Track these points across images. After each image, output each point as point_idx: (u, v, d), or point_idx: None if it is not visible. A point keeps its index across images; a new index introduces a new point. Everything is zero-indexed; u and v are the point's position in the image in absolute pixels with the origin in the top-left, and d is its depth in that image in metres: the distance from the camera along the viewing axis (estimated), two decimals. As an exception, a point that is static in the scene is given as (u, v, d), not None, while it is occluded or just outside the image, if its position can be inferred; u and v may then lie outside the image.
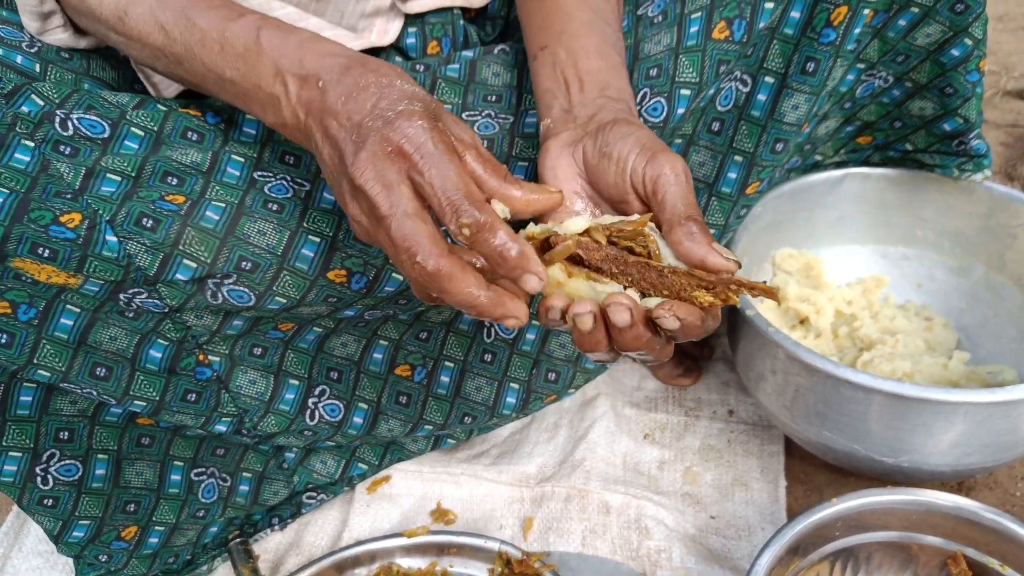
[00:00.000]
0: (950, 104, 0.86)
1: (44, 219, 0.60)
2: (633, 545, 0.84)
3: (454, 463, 0.93)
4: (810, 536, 0.76)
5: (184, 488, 0.82)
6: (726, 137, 0.80)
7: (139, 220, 0.63)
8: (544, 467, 0.93)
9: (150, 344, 0.70)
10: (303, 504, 0.90)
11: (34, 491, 0.74)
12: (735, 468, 0.92)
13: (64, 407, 0.73)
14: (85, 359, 0.68)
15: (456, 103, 0.76)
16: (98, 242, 0.62)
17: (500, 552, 0.83)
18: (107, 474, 0.77)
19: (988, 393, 0.74)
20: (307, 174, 0.69)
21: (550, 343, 0.86)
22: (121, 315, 0.68)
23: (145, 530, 0.80)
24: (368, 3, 0.79)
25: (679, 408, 0.99)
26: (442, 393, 0.85)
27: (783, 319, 1.00)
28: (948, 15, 0.80)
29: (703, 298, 0.53)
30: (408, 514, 0.90)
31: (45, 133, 0.62)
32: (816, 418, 0.81)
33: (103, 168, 0.63)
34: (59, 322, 0.66)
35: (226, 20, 0.62)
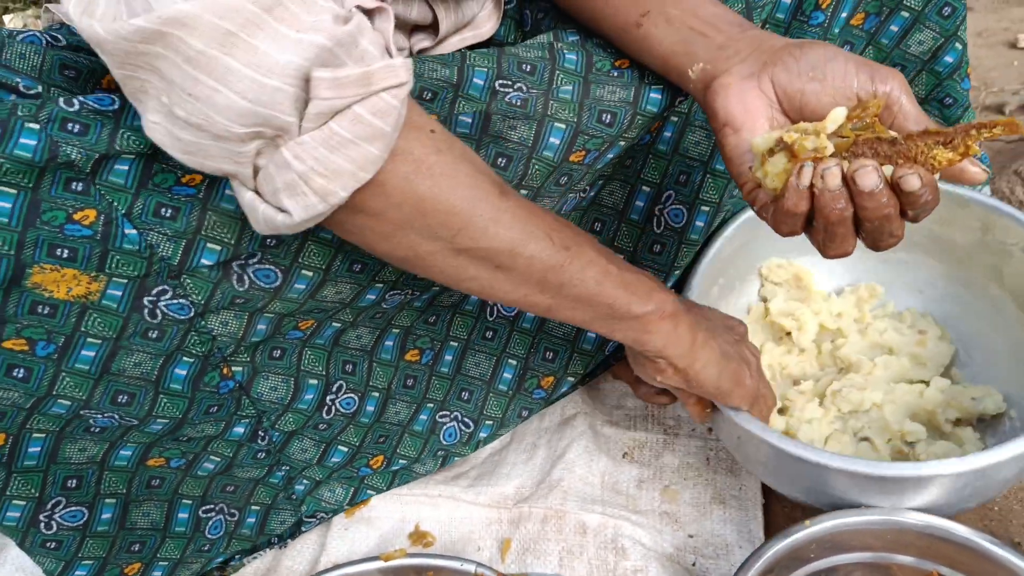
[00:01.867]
0: (951, 115, 0.88)
1: (58, 219, 0.58)
2: (610, 566, 0.84)
3: (432, 485, 0.93)
4: (785, 558, 0.75)
5: (191, 526, 0.81)
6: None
7: (157, 211, 0.60)
8: (522, 488, 0.92)
9: (175, 363, 0.68)
10: (303, 523, 0.90)
11: (36, 535, 0.72)
12: (714, 486, 0.92)
13: (74, 455, 0.71)
14: (107, 387, 0.66)
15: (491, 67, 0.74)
16: (117, 236, 0.60)
17: (477, 574, 0.83)
18: (113, 517, 0.75)
19: (959, 462, 0.71)
20: None
21: (549, 322, 0.88)
22: (144, 337, 0.65)
23: (149, 566, 0.80)
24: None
25: (658, 426, 0.99)
26: (444, 371, 0.87)
27: (769, 332, 0.99)
28: (937, 19, 0.81)
29: (942, 156, 0.54)
30: (386, 537, 0.90)
31: (50, 112, 0.57)
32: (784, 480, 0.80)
33: (117, 149, 0.58)
34: (80, 354, 0.63)
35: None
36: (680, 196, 0.85)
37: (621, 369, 1.04)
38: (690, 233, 0.87)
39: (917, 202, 0.55)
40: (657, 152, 0.83)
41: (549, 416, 1.00)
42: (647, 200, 0.86)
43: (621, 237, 0.87)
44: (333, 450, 0.86)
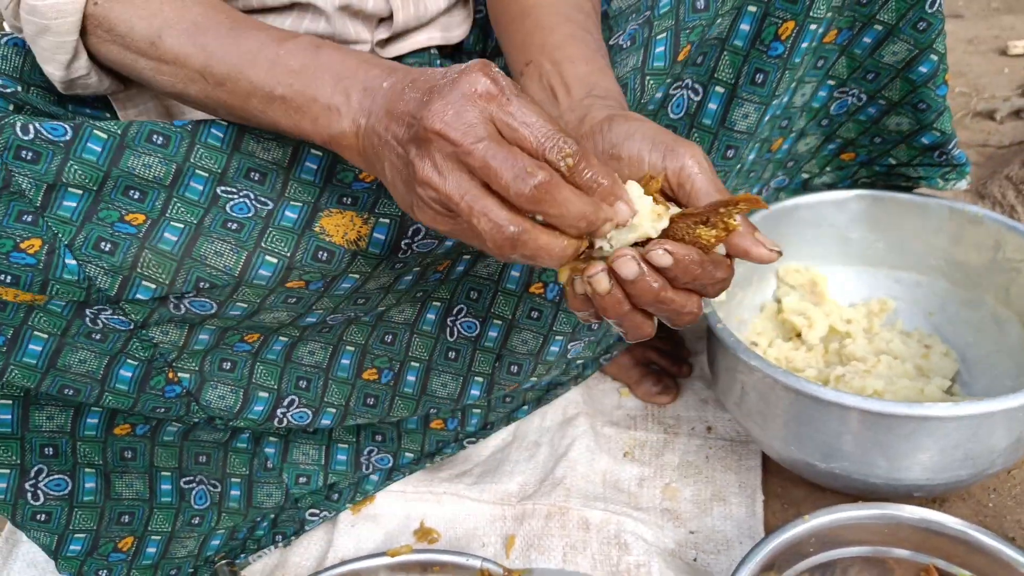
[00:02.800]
0: (925, 119, 0.89)
1: (5, 247, 0.62)
2: (613, 561, 0.85)
3: (436, 482, 0.95)
4: (785, 553, 0.77)
5: (176, 496, 0.83)
6: None
7: (97, 244, 0.64)
8: (525, 485, 0.94)
9: (119, 365, 0.72)
10: (306, 521, 0.92)
11: (26, 507, 0.75)
12: (714, 483, 0.94)
13: (43, 423, 0.74)
14: (53, 381, 0.69)
15: None
16: (58, 266, 0.63)
17: (482, 569, 0.84)
18: (97, 487, 0.78)
19: (954, 407, 0.76)
20: (271, 192, 0.70)
21: (512, 339, 0.89)
22: (88, 337, 0.69)
23: (142, 540, 0.82)
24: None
25: (658, 426, 1.01)
26: (408, 392, 0.88)
27: (780, 330, 1.02)
28: (911, 33, 0.83)
29: (706, 236, 0.54)
30: (392, 534, 0.91)
31: (7, 140, 0.62)
32: (788, 435, 0.83)
33: (64, 183, 0.63)
34: (28, 348, 0.67)
35: (278, 40, 0.63)
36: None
37: (618, 370, 1.06)
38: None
39: (688, 276, 0.54)
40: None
41: (551, 415, 1.01)
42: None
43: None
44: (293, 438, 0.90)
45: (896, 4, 0.81)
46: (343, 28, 0.79)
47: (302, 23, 0.79)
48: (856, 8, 0.82)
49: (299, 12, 0.79)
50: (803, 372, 0.97)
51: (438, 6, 0.83)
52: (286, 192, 0.70)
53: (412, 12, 0.81)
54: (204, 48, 0.64)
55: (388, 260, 0.73)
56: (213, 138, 0.69)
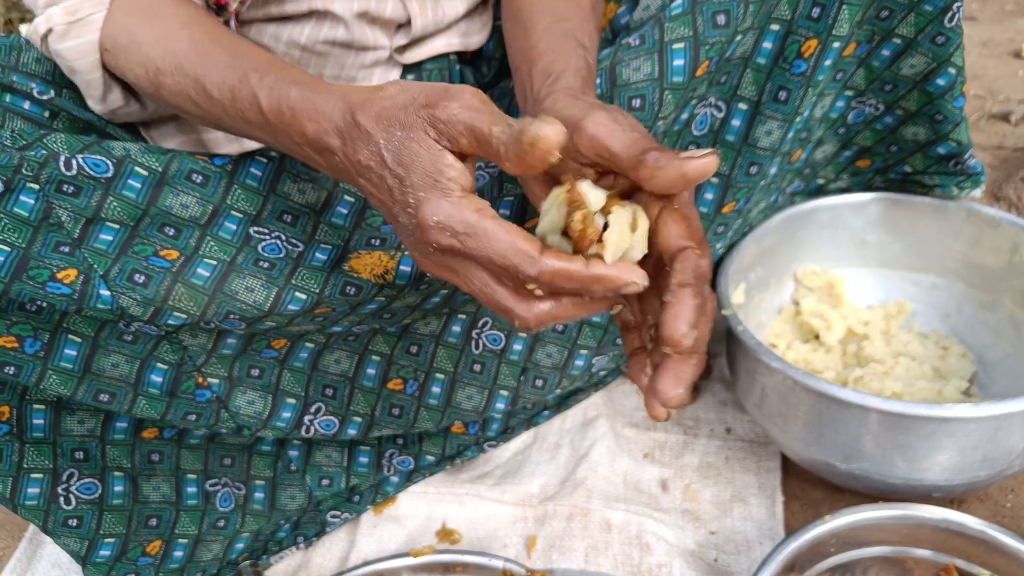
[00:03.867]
0: (942, 130, 0.90)
1: (42, 276, 0.63)
2: (635, 561, 0.86)
3: (458, 484, 0.96)
4: (806, 553, 0.78)
5: (201, 499, 0.85)
6: None
7: (131, 276, 0.66)
8: (546, 486, 0.95)
9: (150, 369, 0.73)
10: (327, 523, 0.93)
11: (58, 512, 0.77)
12: (733, 485, 0.94)
13: (73, 427, 0.76)
14: (89, 386, 0.71)
15: None
16: (92, 296, 0.65)
17: (504, 570, 0.85)
18: (125, 490, 0.80)
19: (974, 408, 0.76)
20: (302, 235, 0.72)
21: (537, 352, 0.90)
22: (120, 340, 0.71)
23: (169, 543, 0.83)
24: (367, 55, 0.82)
25: (678, 427, 1.02)
26: (433, 403, 0.89)
27: (798, 333, 1.02)
28: (930, 47, 0.83)
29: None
30: (414, 535, 0.92)
31: (49, 173, 0.64)
32: (808, 436, 0.84)
33: (102, 218, 0.65)
34: (64, 352, 0.69)
35: (244, 84, 0.63)
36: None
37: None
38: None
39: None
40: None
41: (572, 417, 1.02)
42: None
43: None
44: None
45: (915, 18, 0.81)
46: (362, 35, 0.80)
47: (321, 30, 0.80)
48: (875, 22, 0.82)
49: (318, 19, 0.80)
50: (822, 374, 0.97)
51: (456, 12, 0.84)
52: (316, 235, 0.72)
53: (430, 18, 0.82)
54: (193, 100, 0.67)
55: (413, 285, 0.74)
56: (251, 178, 0.71)
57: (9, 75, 0.74)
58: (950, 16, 0.81)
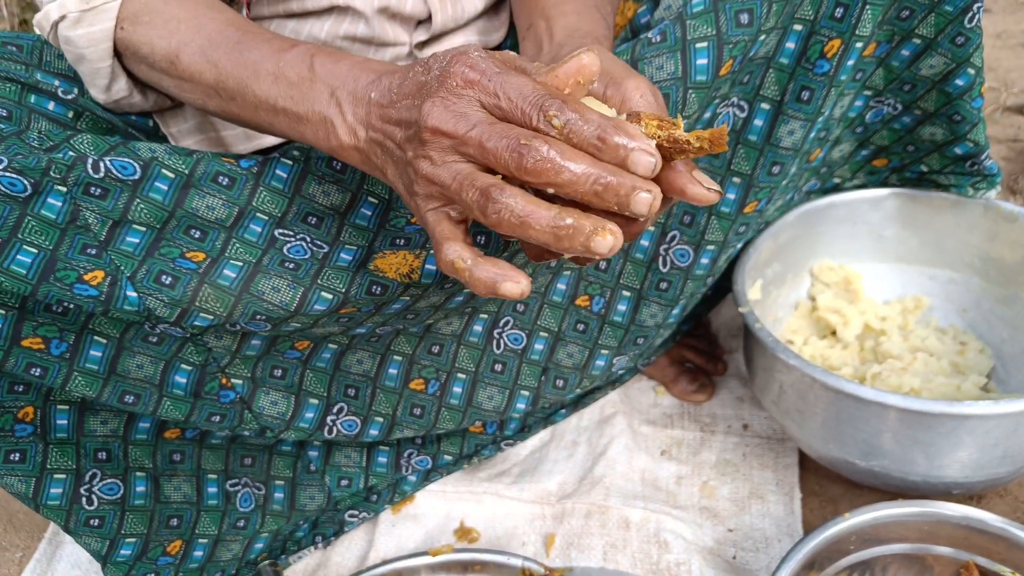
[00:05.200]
0: (959, 130, 0.89)
1: (69, 278, 0.63)
2: (653, 559, 0.86)
3: (476, 482, 0.96)
4: (826, 551, 0.78)
5: (222, 499, 0.85)
6: (724, 159, 0.83)
7: (158, 278, 0.66)
8: (564, 484, 0.95)
9: (175, 370, 0.73)
10: (345, 523, 0.93)
11: (80, 512, 0.77)
12: (751, 481, 0.94)
13: (97, 427, 0.76)
14: (115, 387, 0.71)
15: None
16: (119, 297, 0.65)
17: (523, 568, 0.85)
18: (147, 491, 0.80)
19: (993, 405, 0.76)
20: (327, 236, 0.72)
21: (558, 352, 0.90)
22: (145, 341, 0.71)
23: (189, 543, 0.84)
24: (387, 52, 0.82)
25: (695, 424, 1.02)
26: (455, 404, 0.89)
27: (814, 328, 1.02)
28: (949, 47, 0.82)
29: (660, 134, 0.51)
30: (432, 533, 0.93)
31: (77, 176, 0.64)
32: (826, 433, 0.84)
33: (129, 220, 0.65)
34: (89, 354, 0.69)
35: (278, 52, 0.64)
36: (685, 236, 0.87)
37: (654, 369, 1.07)
38: (695, 270, 0.89)
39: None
40: None
41: (588, 415, 1.02)
42: (651, 240, 0.88)
43: (626, 276, 0.90)
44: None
45: (935, 19, 0.81)
46: (382, 30, 0.80)
47: (341, 26, 0.80)
48: (896, 22, 0.82)
49: (338, 15, 0.80)
50: (839, 370, 0.97)
51: (475, 8, 0.84)
52: (341, 237, 0.72)
53: (450, 14, 0.82)
54: (216, 64, 0.66)
55: (438, 284, 0.74)
56: (277, 180, 0.71)
57: (33, 73, 0.74)
58: (970, 16, 0.80)
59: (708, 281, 0.91)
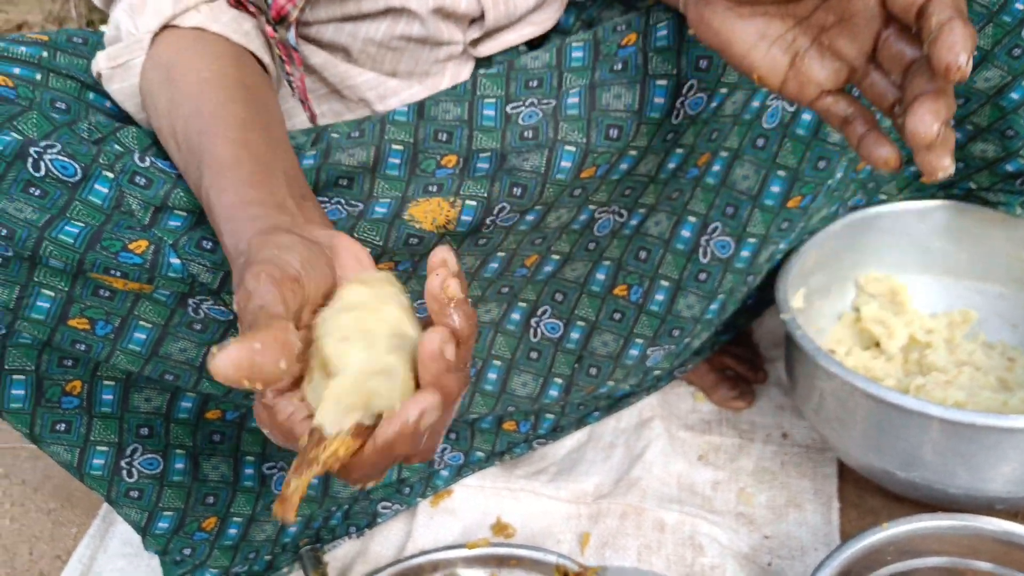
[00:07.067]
0: (1012, 147, 0.89)
1: (115, 247, 0.66)
2: (687, 562, 0.87)
3: (513, 479, 0.97)
4: (862, 560, 0.77)
5: (257, 481, 0.88)
6: (770, 153, 0.84)
7: (199, 244, 0.68)
8: (601, 485, 0.96)
9: None
10: (378, 514, 0.95)
11: (120, 484, 0.81)
12: (789, 489, 0.94)
13: (140, 404, 0.79)
14: (156, 367, 0.74)
15: (500, 95, 0.79)
16: (163, 264, 0.68)
17: (558, 565, 0.86)
18: (186, 468, 0.83)
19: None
20: (360, 194, 0.73)
21: (593, 341, 0.91)
22: (189, 327, 0.73)
23: (224, 521, 0.87)
24: (441, 51, 0.84)
25: (733, 431, 1.02)
26: (489, 389, 0.90)
27: (858, 339, 1.02)
28: (1006, 59, 0.82)
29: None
30: (469, 527, 0.94)
31: (124, 164, 0.68)
32: (867, 443, 0.83)
33: (170, 206, 0.68)
34: (133, 336, 0.72)
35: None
36: (727, 228, 0.88)
37: (693, 375, 1.07)
38: (735, 263, 0.89)
39: None
40: (705, 185, 0.86)
41: (626, 418, 1.03)
42: (693, 230, 0.89)
43: (666, 266, 0.90)
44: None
45: (993, 29, 0.81)
46: (436, 30, 0.82)
47: (397, 27, 0.82)
48: None
49: (394, 16, 0.82)
50: (882, 381, 0.96)
51: (527, 4, 0.85)
52: (374, 192, 0.74)
53: (503, 11, 0.84)
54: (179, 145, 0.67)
55: (472, 236, 0.75)
56: (308, 160, 0.73)
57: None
58: None
59: (748, 279, 0.91)
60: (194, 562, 0.88)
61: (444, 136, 0.76)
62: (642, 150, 0.79)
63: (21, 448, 1.11)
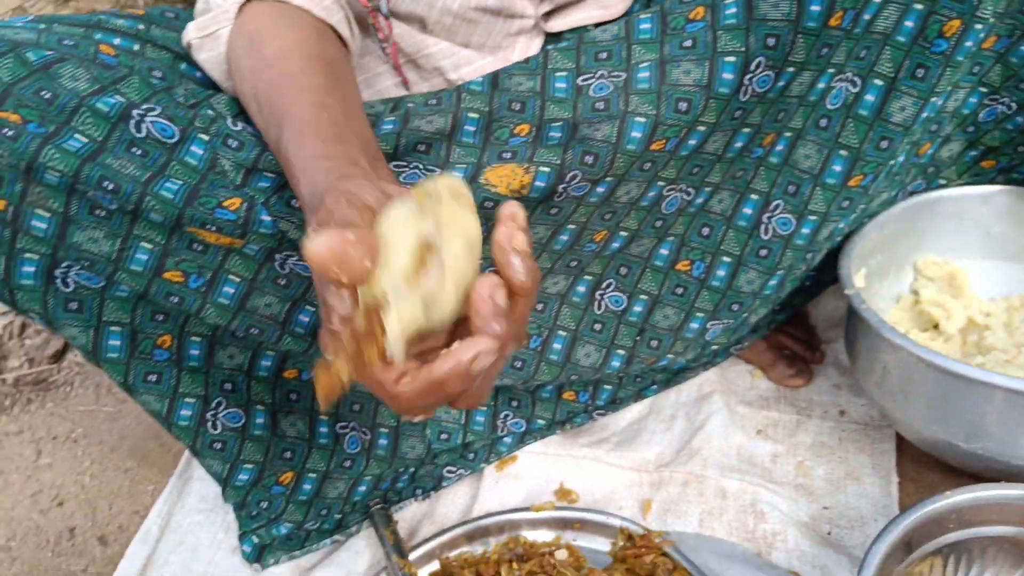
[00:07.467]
0: None
1: (210, 204, 0.71)
2: (749, 527, 0.89)
3: (576, 447, 1.00)
4: (924, 528, 0.79)
5: (331, 439, 0.92)
6: (833, 133, 0.86)
7: (289, 202, 0.73)
8: (662, 454, 0.98)
9: (299, 310, 0.80)
10: (443, 478, 0.98)
11: (205, 435, 0.85)
12: (847, 464, 0.96)
13: (224, 360, 0.84)
14: (242, 321, 0.78)
15: (571, 67, 0.81)
16: (255, 221, 0.73)
17: (622, 528, 0.89)
18: (265, 423, 0.88)
19: None
20: (437, 160, 0.77)
21: (655, 314, 0.94)
22: (275, 283, 0.78)
23: (300, 476, 0.91)
24: (513, 24, 0.87)
25: (791, 407, 1.04)
26: (553, 359, 0.93)
27: (916, 321, 1.03)
28: None
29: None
30: (533, 492, 0.97)
31: (218, 128, 0.73)
32: (930, 415, 0.85)
33: (260, 169, 0.73)
34: (223, 290, 0.76)
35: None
36: (788, 205, 0.90)
37: (751, 353, 1.09)
38: (795, 239, 0.91)
39: None
40: (768, 164, 0.89)
41: (686, 391, 1.05)
42: (755, 208, 0.91)
43: (728, 242, 0.93)
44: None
45: None
46: (511, 2, 0.85)
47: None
48: (1018, 16, 0.82)
49: None
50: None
51: None
52: (451, 158, 0.77)
53: None
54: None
55: (544, 204, 0.78)
56: (387, 126, 0.77)
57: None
58: None
59: (808, 256, 0.93)
60: (269, 516, 0.92)
61: (517, 106, 0.79)
62: (710, 126, 0.82)
63: (99, 410, 1.16)
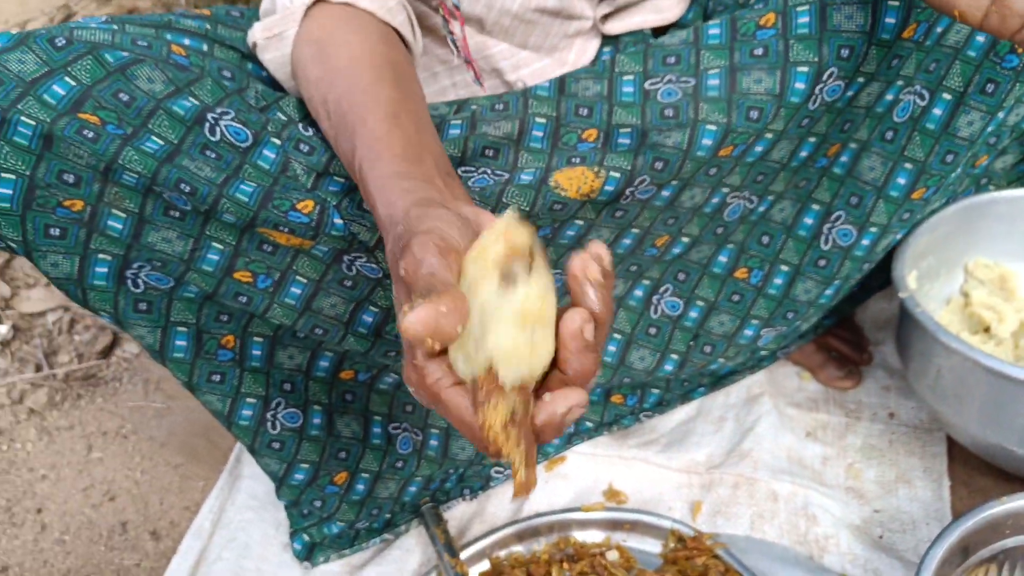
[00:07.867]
0: None
1: (284, 206, 0.71)
2: (801, 530, 0.89)
3: (625, 448, 1.00)
4: (980, 533, 0.78)
5: (384, 439, 0.92)
6: (898, 145, 0.86)
7: (360, 205, 0.73)
8: (712, 456, 0.98)
9: (363, 311, 0.80)
10: (491, 478, 0.99)
11: (264, 435, 0.86)
12: (898, 467, 0.96)
13: (284, 360, 0.84)
14: (307, 321, 0.79)
15: (638, 71, 0.81)
16: (327, 223, 0.73)
17: (673, 530, 0.89)
18: (322, 423, 0.88)
19: None
20: (505, 165, 0.77)
21: (710, 320, 0.94)
22: (341, 284, 0.78)
23: (354, 476, 0.92)
24: (571, 25, 0.87)
25: (840, 409, 1.04)
26: (608, 361, 0.94)
27: (966, 324, 1.03)
28: None
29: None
30: (581, 493, 0.97)
31: (290, 133, 0.73)
32: (985, 419, 0.84)
33: (331, 173, 0.73)
34: (290, 291, 0.77)
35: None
36: (850, 217, 0.89)
37: (800, 355, 1.09)
38: (855, 251, 0.91)
39: None
40: (832, 175, 0.89)
41: (735, 393, 1.05)
42: (816, 218, 0.91)
43: (787, 251, 0.93)
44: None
45: None
46: (569, 3, 0.86)
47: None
48: None
49: None
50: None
51: None
52: (518, 163, 0.78)
53: None
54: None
55: (610, 206, 0.79)
56: (454, 130, 0.78)
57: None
58: None
59: (864, 267, 0.93)
60: (322, 515, 0.93)
61: (584, 111, 0.80)
62: (777, 134, 0.82)
63: (148, 406, 1.18)
